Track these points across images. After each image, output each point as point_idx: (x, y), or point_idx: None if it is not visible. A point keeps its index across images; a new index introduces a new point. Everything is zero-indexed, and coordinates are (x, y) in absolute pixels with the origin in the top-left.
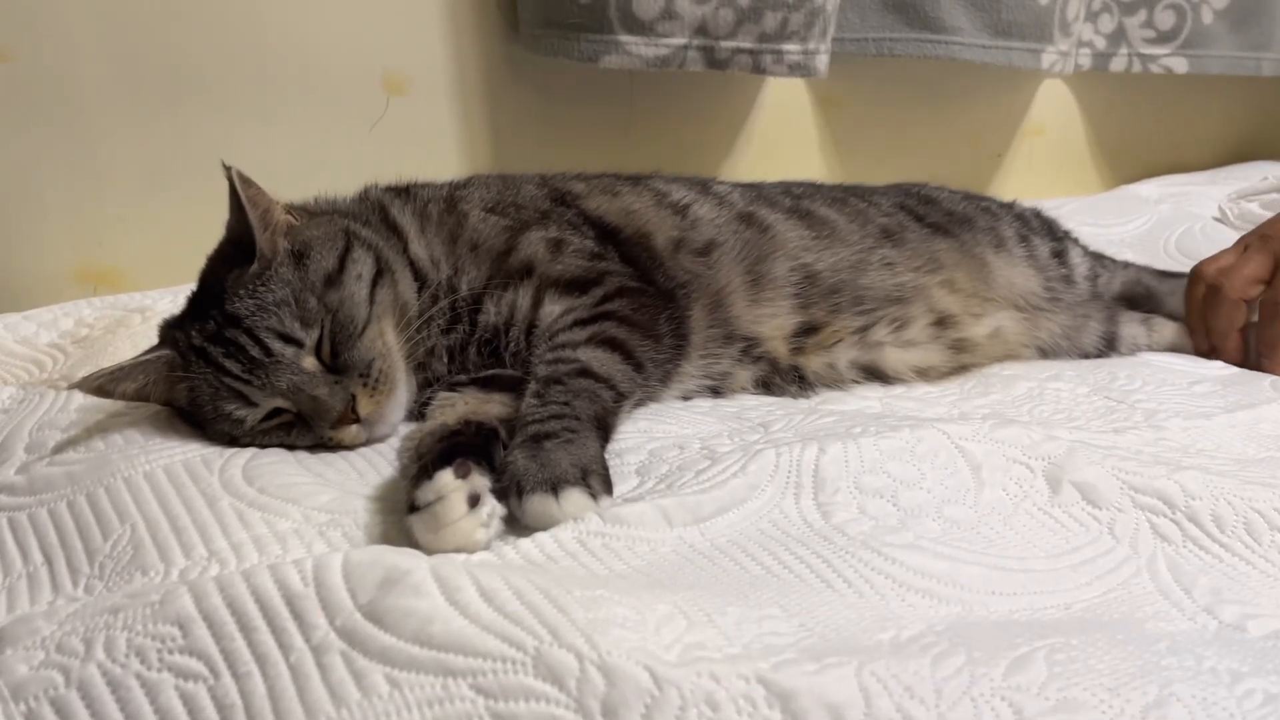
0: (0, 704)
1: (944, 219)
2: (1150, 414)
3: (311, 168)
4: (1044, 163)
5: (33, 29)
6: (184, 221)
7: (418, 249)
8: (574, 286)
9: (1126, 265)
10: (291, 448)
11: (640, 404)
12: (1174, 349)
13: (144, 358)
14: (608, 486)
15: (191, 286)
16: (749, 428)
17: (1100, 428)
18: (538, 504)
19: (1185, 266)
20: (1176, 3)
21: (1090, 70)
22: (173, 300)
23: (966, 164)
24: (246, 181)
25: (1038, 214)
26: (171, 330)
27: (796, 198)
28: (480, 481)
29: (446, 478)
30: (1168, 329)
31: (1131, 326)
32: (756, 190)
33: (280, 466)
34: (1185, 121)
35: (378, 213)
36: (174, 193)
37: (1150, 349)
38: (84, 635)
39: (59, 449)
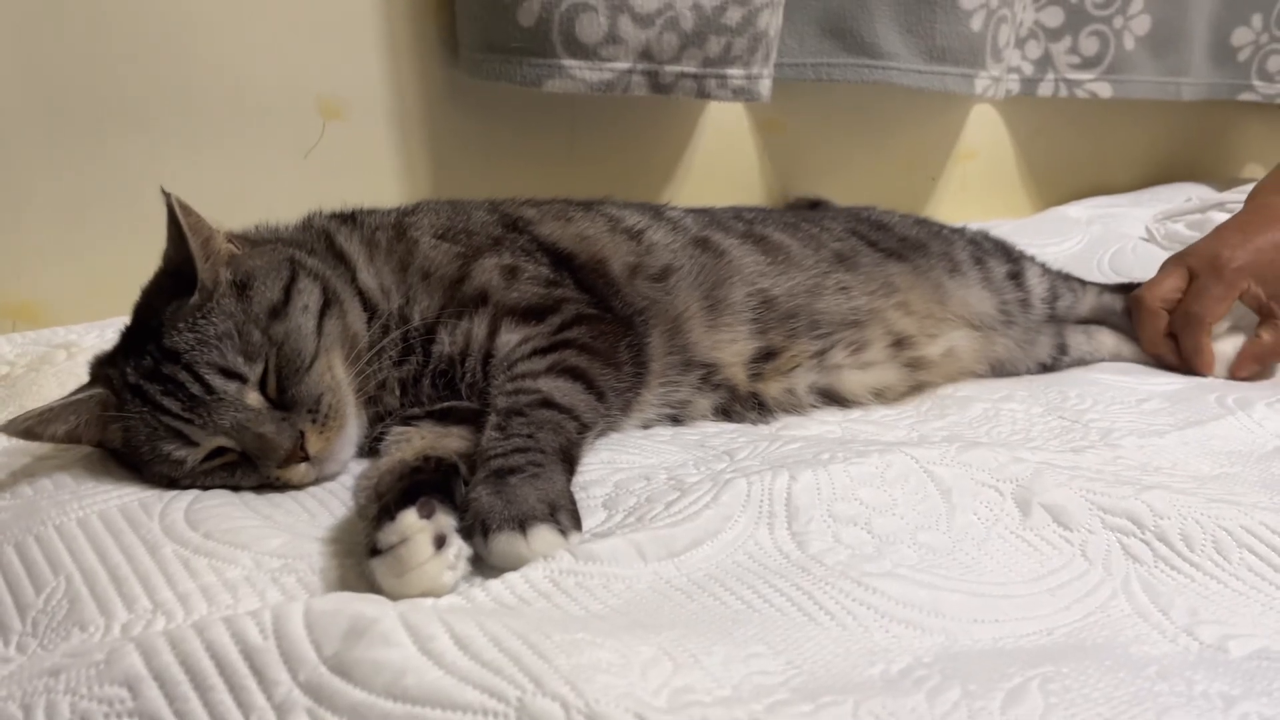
0: None
1: (897, 244)
2: (1105, 433)
3: (244, 196)
4: (976, 186)
5: None
6: (108, 253)
7: (366, 278)
8: (530, 314)
9: (1100, 290)
10: (236, 489)
11: (602, 434)
12: (1116, 357)
13: (75, 397)
14: (577, 522)
15: (122, 320)
16: (714, 456)
17: (1059, 448)
18: (505, 543)
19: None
20: (1100, 29)
21: (1019, 95)
22: (99, 335)
23: (903, 187)
24: (186, 209)
25: (988, 236)
26: (104, 367)
27: (749, 223)
28: (445, 521)
29: (410, 518)
30: (1107, 337)
31: (1075, 336)
32: (709, 215)
33: (226, 509)
34: (1110, 145)
35: (323, 241)
36: (97, 223)
37: (1092, 356)
38: (22, 700)
39: None
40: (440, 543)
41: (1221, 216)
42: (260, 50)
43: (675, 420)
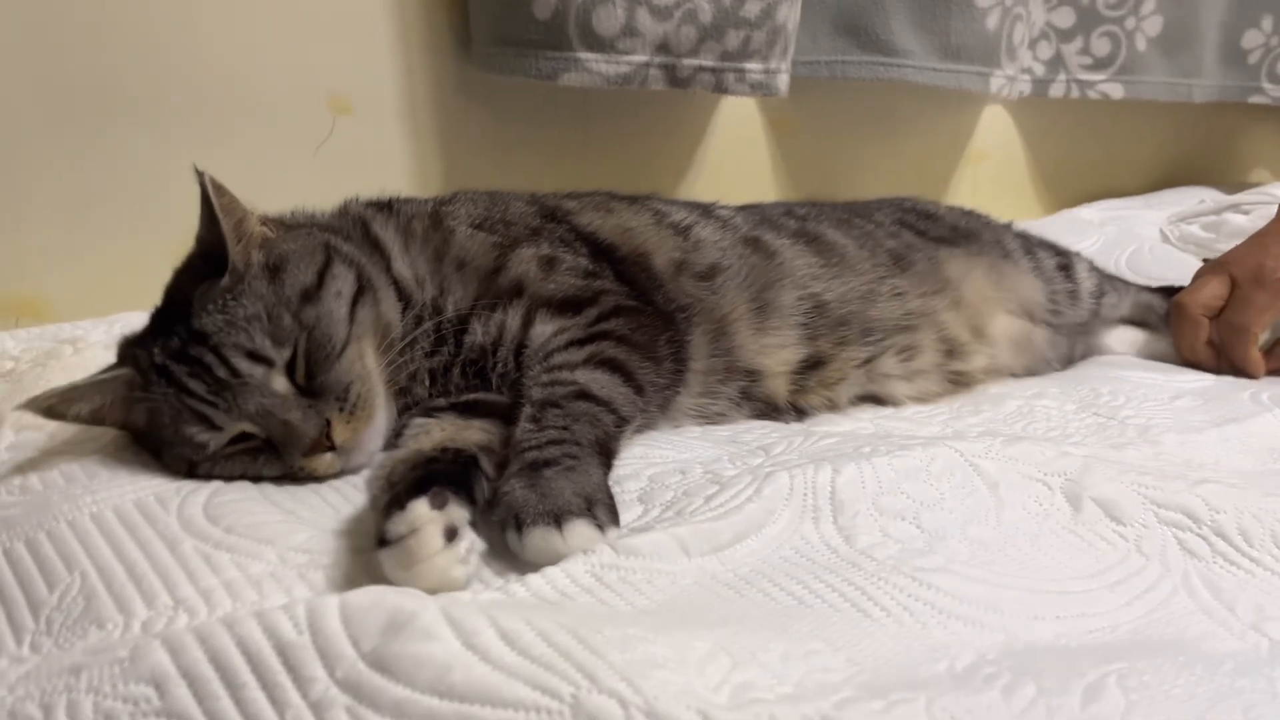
0: None
1: (949, 232)
2: (1143, 430)
3: (253, 192)
4: (987, 187)
5: None
6: (114, 250)
7: (401, 267)
8: (567, 306)
9: (1140, 289)
10: (257, 478)
11: (640, 431)
12: (1148, 355)
13: (101, 376)
14: (614, 517)
15: (128, 316)
16: (748, 451)
17: (1098, 444)
18: (540, 538)
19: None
20: (1112, 30)
21: (1030, 96)
22: (106, 331)
23: (915, 187)
24: (220, 189)
25: (1033, 234)
26: (132, 348)
27: (802, 220)
28: (458, 513)
29: (421, 508)
30: (1136, 335)
31: (1107, 339)
32: (760, 213)
33: (246, 504)
34: (1120, 147)
35: (359, 228)
36: (102, 220)
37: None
38: (41, 700)
39: None
40: (451, 535)
41: (1237, 218)
42: (269, 46)
43: (706, 418)
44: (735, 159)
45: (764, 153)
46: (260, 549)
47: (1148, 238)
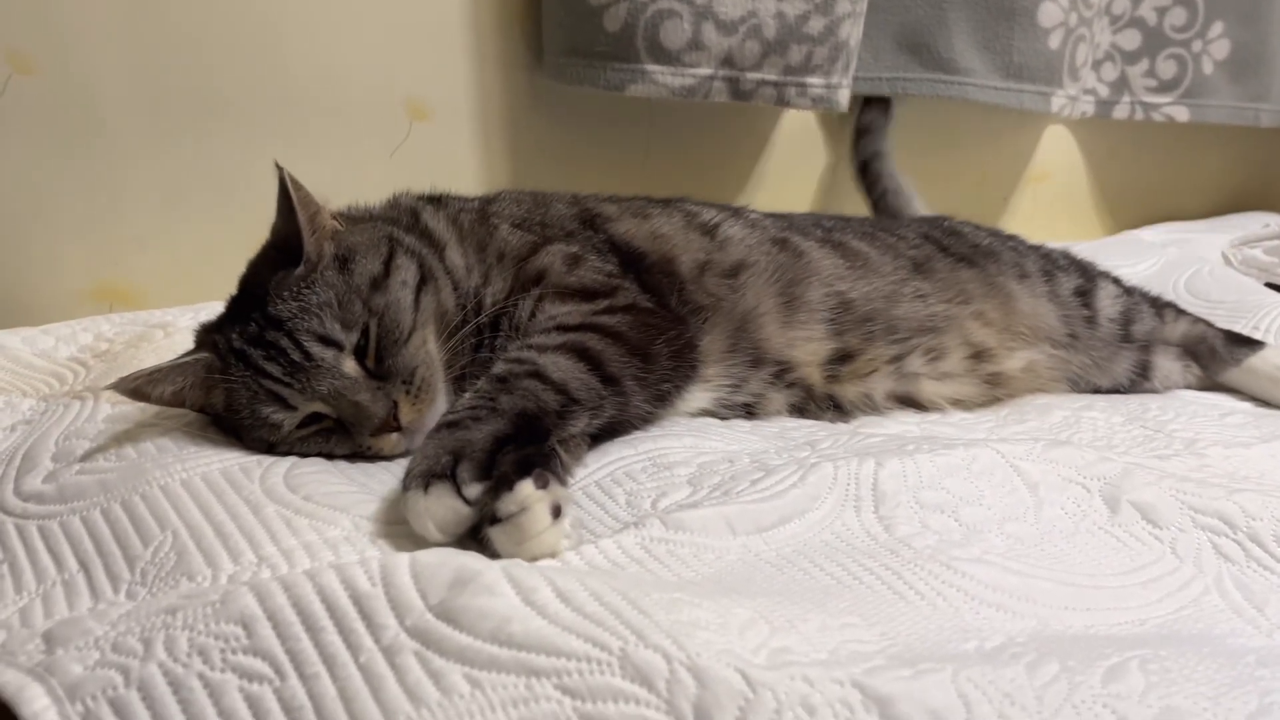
0: (55, 704)
1: (969, 250)
2: (1189, 442)
3: (330, 190)
4: (1048, 207)
5: (60, 43)
6: (201, 242)
7: (454, 257)
8: (581, 294)
9: (1194, 320)
10: (330, 456)
11: (630, 422)
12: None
13: (182, 360)
14: (480, 472)
15: (216, 305)
16: (795, 445)
17: (1143, 454)
18: (409, 500)
19: (1195, 306)
20: (1178, 53)
21: (1093, 118)
22: (194, 317)
23: (974, 205)
24: (297, 184)
25: (1067, 254)
26: (210, 334)
27: (828, 230)
28: (561, 492)
29: (528, 488)
30: (1183, 366)
31: (1165, 362)
32: (788, 219)
33: (323, 476)
34: (1184, 170)
35: (411, 218)
36: (192, 213)
37: (1185, 388)
38: (141, 635)
39: (88, 457)
40: (557, 513)
41: None
42: (352, 52)
43: (750, 413)
44: (796, 171)
45: (823, 166)
46: (336, 516)
47: (1208, 260)
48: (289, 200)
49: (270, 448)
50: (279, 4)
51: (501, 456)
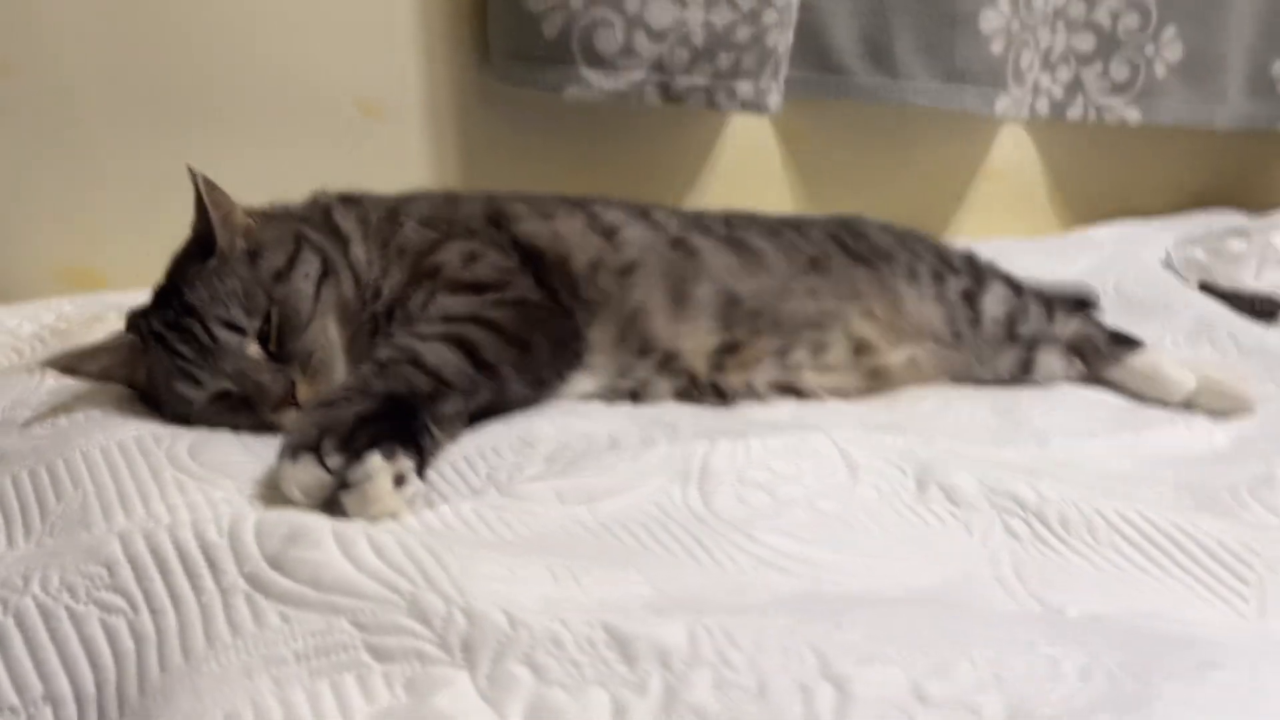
0: None
1: (868, 251)
2: (1039, 432)
3: (290, 185)
4: (1002, 205)
5: (36, 46)
6: (170, 230)
7: (358, 253)
8: (471, 288)
9: (1085, 320)
10: (237, 429)
11: (504, 405)
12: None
13: (109, 341)
14: (343, 444)
15: None
16: (659, 427)
17: (985, 442)
18: (280, 469)
19: (1117, 305)
20: (1131, 56)
21: (1048, 118)
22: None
23: (927, 203)
24: (211, 185)
25: (969, 257)
26: (137, 318)
27: (733, 227)
28: (405, 463)
29: (375, 460)
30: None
31: (1049, 359)
32: (697, 218)
33: (224, 446)
34: (1144, 170)
35: (322, 215)
36: (161, 204)
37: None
38: (23, 573)
39: (27, 424)
40: (399, 481)
41: (1237, 243)
42: (308, 52)
43: (635, 397)
44: (745, 172)
45: (776, 166)
46: (223, 480)
47: (1143, 259)
48: (203, 201)
49: (185, 420)
50: (242, 8)
51: (361, 432)
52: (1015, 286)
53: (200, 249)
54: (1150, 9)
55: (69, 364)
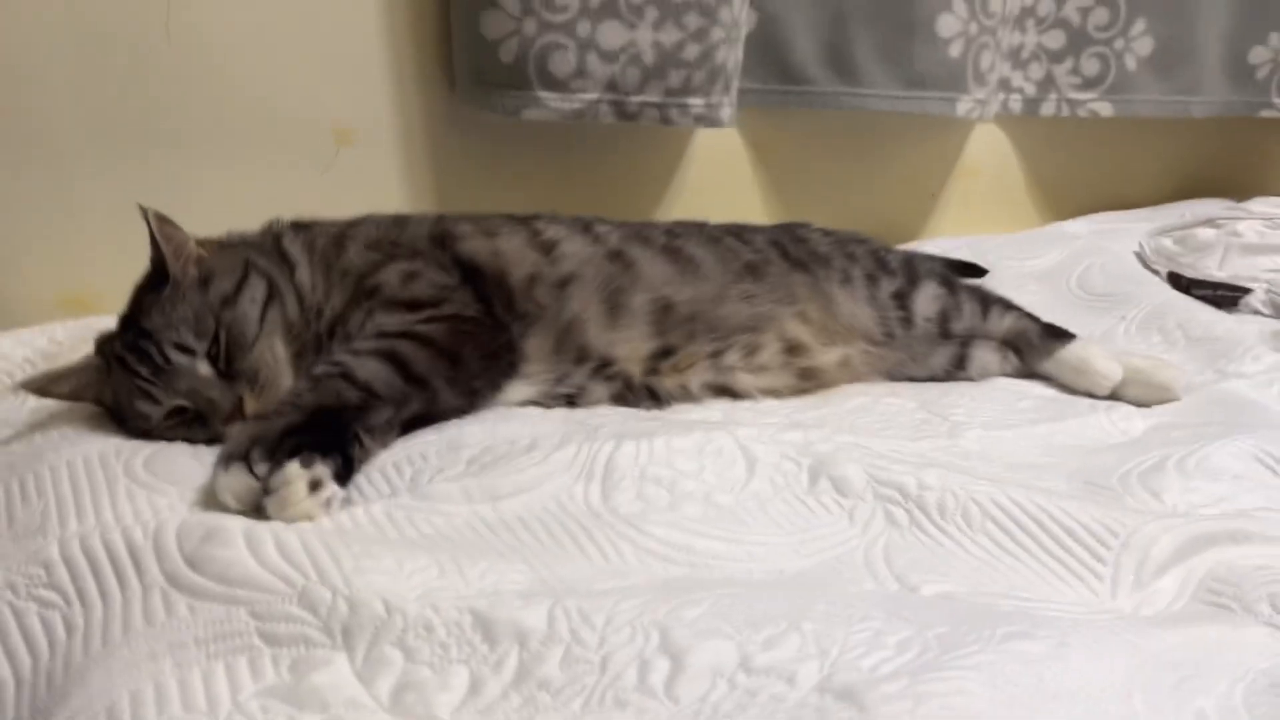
0: None
1: (806, 256)
2: (957, 426)
3: (268, 210)
4: (980, 202)
5: (15, 83)
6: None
7: (303, 276)
8: (408, 306)
9: (1020, 315)
10: (192, 441)
11: (437, 414)
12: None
13: (78, 364)
14: (268, 453)
15: None
16: (582, 429)
17: (899, 436)
18: (214, 477)
19: (1080, 298)
20: (1101, 51)
21: (1021, 115)
22: None
23: (902, 204)
24: (162, 220)
25: (908, 259)
26: (104, 342)
27: (673, 236)
28: (322, 470)
29: (293, 468)
30: (1003, 357)
31: (982, 354)
32: (636, 230)
33: (178, 460)
34: (1123, 162)
35: (273, 243)
36: (141, 231)
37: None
38: None
39: (6, 442)
40: (315, 487)
41: (1205, 232)
42: (282, 81)
43: (571, 403)
44: (716, 183)
45: (747, 175)
46: (169, 489)
47: (1113, 252)
48: (155, 234)
49: (147, 435)
50: (217, 38)
51: (287, 442)
52: (950, 285)
53: (156, 278)
54: (1119, 4)
55: (41, 386)
